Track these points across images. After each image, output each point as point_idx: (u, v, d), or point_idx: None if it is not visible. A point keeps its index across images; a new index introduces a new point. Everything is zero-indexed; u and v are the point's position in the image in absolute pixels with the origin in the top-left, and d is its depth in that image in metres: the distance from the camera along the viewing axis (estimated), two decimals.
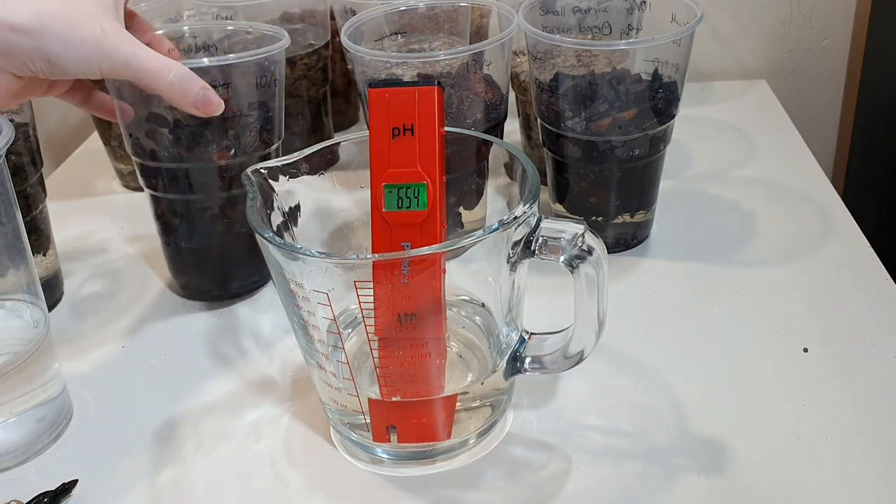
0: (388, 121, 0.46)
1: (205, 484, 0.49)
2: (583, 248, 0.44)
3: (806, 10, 0.94)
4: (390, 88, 0.46)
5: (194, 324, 0.63)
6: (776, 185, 0.75)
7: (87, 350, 0.61)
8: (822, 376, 0.53)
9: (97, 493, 0.49)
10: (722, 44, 0.97)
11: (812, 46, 0.96)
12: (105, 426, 0.54)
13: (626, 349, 0.57)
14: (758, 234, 0.69)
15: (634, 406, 0.52)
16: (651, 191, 0.67)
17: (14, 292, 0.52)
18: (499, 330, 0.49)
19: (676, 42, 0.60)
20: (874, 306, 0.59)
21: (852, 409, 0.51)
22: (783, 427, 0.50)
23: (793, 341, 0.56)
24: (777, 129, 0.86)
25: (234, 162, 0.58)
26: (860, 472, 0.47)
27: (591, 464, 0.48)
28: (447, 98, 0.61)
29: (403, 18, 0.69)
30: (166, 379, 0.57)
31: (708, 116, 0.88)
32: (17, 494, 0.49)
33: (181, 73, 0.50)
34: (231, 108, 0.57)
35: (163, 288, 0.67)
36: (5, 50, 0.47)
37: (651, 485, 0.47)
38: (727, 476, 0.47)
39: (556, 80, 0.61)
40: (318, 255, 0.41)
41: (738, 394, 0.53)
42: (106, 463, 0.51)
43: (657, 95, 0.61)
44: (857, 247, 0.66)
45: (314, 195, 0.51)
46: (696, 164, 0.79)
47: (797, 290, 0.62)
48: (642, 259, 0.67)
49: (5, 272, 0.51)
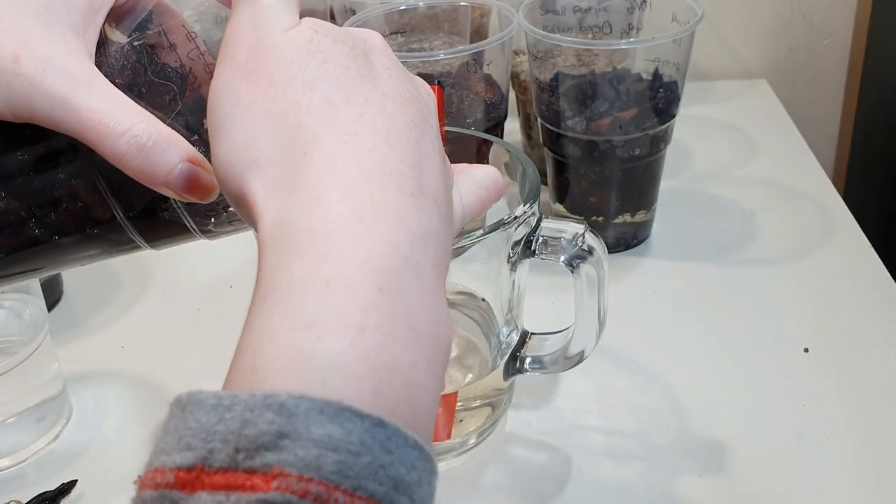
0: None
1: None
2: (583, 247, 0.44)
3: (807, 10, 0.94)
4: None
5: (194, 323, 0.63)
6: (777, 185, 0.75)
7: (87, 350, 0.61)
8: (823, 376, 0.53)
9: (97, 494, 0.49)
10: (722, 43, 0.97)
11: (813, 46, 0.96)
12: (105, 426, 0.54)
13: (627, 349, 0.57)
14: (758, 233, 0.68)
15: (635, 406, 0.52)
16: (651, 191, 0.67)
17: (14, 292, 0.52)
18: (499, 330, 0.49)
19: (677, 41, 0.60)
20: (875, 306, 0.59)
21: (852, 409, 0.51)
22: (783, 427, 0.50)
23: (793, 341, 0.56)
24: (778, 128, 0.86)
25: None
26: (860, 471, 0.47)
27: (591, 464, 0.48)
28: (448, 97, 0.61)
29: (403, 18, 0.69)
30: (165, 379, 0.57)
31: (708, 116, 0.88)
32: (17, 494, 0.48)
33: (143, 133, 0.32)
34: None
35: (163, 288, 0.67)
36: None
37: (651, 485, 0.46)
38: (727, 476, 0.47)
39: (556, 79, 0.61)
40: None
41: (739, 394, 0.52)
42: (105, 463, 0.51)
43: (658, 95, 0.61)
44: (858, 246, 0.66)
45: None
46: (697, 164, 0.79)
47: (798, 290, 0.62)
48: (643, 259, 0.67)
49: None
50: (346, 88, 0.29)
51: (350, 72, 0.30)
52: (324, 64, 0.29)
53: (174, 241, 0.39)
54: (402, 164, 0.28)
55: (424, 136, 0.30)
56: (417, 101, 0.31)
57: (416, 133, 0.29)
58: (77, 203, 0.36)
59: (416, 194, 0.28)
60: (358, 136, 0.28)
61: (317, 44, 0.30)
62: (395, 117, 0.29)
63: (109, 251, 0.39)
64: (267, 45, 0.30)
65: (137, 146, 0.32)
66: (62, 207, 0.36)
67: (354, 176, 0.27)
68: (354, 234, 0.26)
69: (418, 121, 0.30)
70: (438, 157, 0.31)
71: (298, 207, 0.26)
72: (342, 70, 0.29)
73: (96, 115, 0.32)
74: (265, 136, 0.28)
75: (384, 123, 0.29)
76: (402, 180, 0.27)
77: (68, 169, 0.35)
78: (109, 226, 0.37)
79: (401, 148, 0.28)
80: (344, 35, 0.31)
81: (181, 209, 0.37)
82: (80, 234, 0.37)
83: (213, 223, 0.38)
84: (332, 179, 0.27)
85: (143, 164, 0.32)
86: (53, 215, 0.36)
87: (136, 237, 0.38)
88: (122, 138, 0.32)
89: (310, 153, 0.27)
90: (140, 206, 0.36)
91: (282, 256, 0.26)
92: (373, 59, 0.31)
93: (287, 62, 0.29)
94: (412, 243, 0.26)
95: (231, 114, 0.29)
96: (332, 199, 0.26)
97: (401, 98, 0.30)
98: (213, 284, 0.67)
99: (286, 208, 0.27)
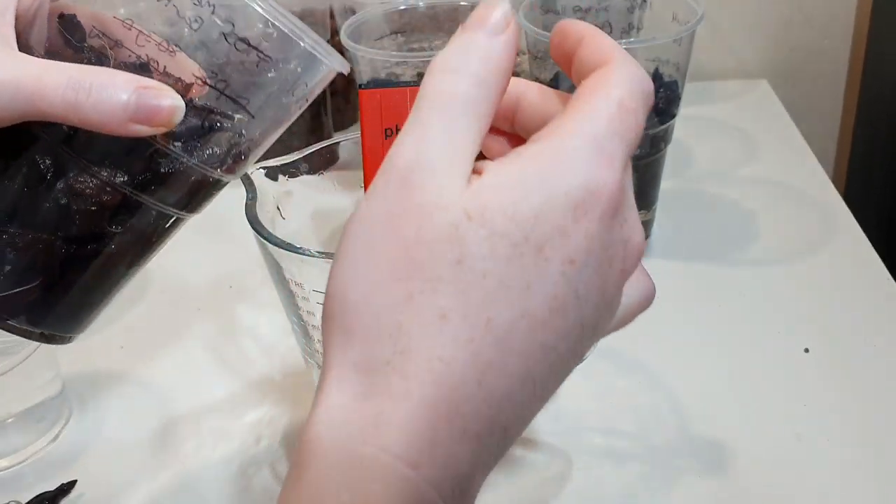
0: (381, 121, 0.46)
1: (204, 485, 0.49)
2: None
3: (807, 10, 0.94)
4: (381, 89, 0.46)
5: (194, 323, 0.63)
6: (777, 185, 0.75)
7: (86, 350, 0.61)
8: (823, 376, 0.53)
9: (96, 494, 0.49)
10: (723, 43, 0.97)
11: (813, 46, 0.96)
12: (105, 426, 0.54)
13: (627, 349, 0.56)
14: (759, 233, 0.68)
15: (635, 406, 0.52)
16: (652, 191, 0.66)
17: None
18: None
19: (677, 41, 0.59)
20: (875, 306, 0.59)
21: (853, 410, 0.51)
22: (784, 427, 0.50)
23: (793, 341, 0.56)
24: (778, 128, 0.86)
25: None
26: (861, 472, 0.47)
27: (591, 464, 0.48)
28: None
29: (403, 17, 0.69)
30: (166, 379, 0.57)
31: (709, 116, 0.88)
32: (17, 494, 0.48)
33: (83, 77, 0.32)
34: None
35: (163, 288, 0.67)
36: None
37: (652, 485, 0.46)
38: (728, 476, 0.47)
39: (556, 79, 0.61)
40: (317, 254, 0.41)
41: (739, 394, 0.52)
42: (105, 463, 0.51)
43: (658, 95, 0.61)
44: (859, 246, 0.66)
45: (313, 195, 0.51)
46: (697, 164, 0.79)
47: (798, 290, 0.62)
48: (643, 259, 0.66)
49: None
50: (472, 301, 0.25)
51: (488, 281, 0.25)
52: (457, 265, 0.25)
53: (202, 195, 0.38)
54: (484, 404, 0.25)
55: (553, 358, 0.26)
56: (585, 310, 0.26)
57: (534, 360, 0.25)
58: (81, 201, 0.35)
59: (481, 435, 0.25)
60: (451, 365, 0.24)
61: (462, 234, 0.25)
62: (514, 346, 0.25)
63: (157, 237, 0.38)
64: (411, 205, 0.25)
65: (83, 90, 0.32)
66: (72, 213, 0.35)
67: (423, 413, 0.24)
68: (401, 478, 0.24)
69: (560, 344, 0.26)
70: (559, 368, 0.26)
71: (361, 425, 0.24)
72: (477, 277, 0.25)
73: (35, 79, 0.32)
74: (371, 308, 0.25)
75: (492, 356, 0.25)
76: (475, 423, 0.25)
77: (38, 160, 0.35)
78: (128, 208, 0.36)
79: (495, 388, 0.25)
80: (511, 226, 0.25)
81: (175, 152, 0.36)
82: (112, 236, 0.36)
83: (216, 151, 0.37)
84: (399, 413, 0.24)
85: (96, 106, 0.32)
86: (72, 226, 0.35)
87: (161, 207, 0.37)
88: (66, 88, 0.32)
89: (394, 365, 0.25)
90: (134, 169, 0.35)
91: (327, 472, 0.24)
92: (547, 256, 0.25)
93: (420, 241, 0.25)
94: (454, 490, 0.25)
95: (357, 254, 0.26)
96: (391, 438, 0.24)
97: (550, 312, 0.25)
98: (213, 284, 0.67)
99: (347, 419, 0.25)
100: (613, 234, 0.27)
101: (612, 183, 0.26)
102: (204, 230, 0.73)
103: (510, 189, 0.25)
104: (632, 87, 0.28)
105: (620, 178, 0.27)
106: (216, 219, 0.71)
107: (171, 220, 0.38)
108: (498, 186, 0.25)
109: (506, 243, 0.25)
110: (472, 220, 0.25)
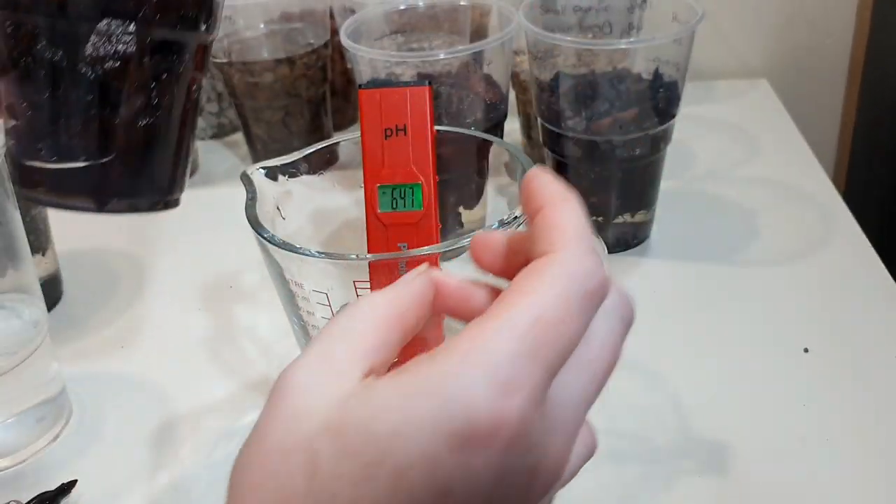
0: (380, 121, 0.46)
1: (204, 485, 0.49)
2: None
3: (808, 9, 0.94)
4: (381, 89, 0.46)
5: (193, 324, 0.63)
6: (777, 185, 0.75)
7: (86, 350, 0.61)
8: (824, 376, 0.53)
9: (96, 494, 0.49)
10: (723, 43, 0.97)
11: (814, 45, 0.96)
12: (104, 426, 0.54)
13: (627, 349, 0.56)
14: (759, 233, 0.68)
15: (635, 407, 0.52)
16: (652, 191, 0.66)
17: (13, 292, 0.52)
18: None
19: (677, 41, 0.59)
20: (875, 306, 0.59)
21: (853, 410, 0.51)
22: (783, 427, 0.50)
23: (793, 341, 0.56)
24: (778, 128, 0.86)
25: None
26: (861, 472, 0.47)
27: (591, 465, 0.48)
28: (447, 97, 0.61)
29: (403, 17, 0.69)
30: (165, 379, 0.57)
31: (709, 116, 0.88)
32: (17, 494, 0.48)
33: None
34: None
35: (163, 288, 0.67)
36: None
37: (652, 485, 0.46)
38: (728, 477, 0.47)
39: (556, 79, 0.61)
40: (317, 254, 0.41)
41: (739, 394, 0.52)
42: (105, 463, 0.51)
43: (658, 95, 0.61)
44: (859, 247, 0.66)
45: (313, 195, 0.51)
46: (697, 164, 0.79)
47: (798, 290, 0.62)
48: (643, 259, 0.67)
49: (4, 272, 0.51)
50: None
51: (338, 502, 0.23)
52: (311, 480, 0.23)
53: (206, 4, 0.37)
54: None
55: None
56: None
57: None
58: (105, 63, 0.35)
59: None
60: None
61: (316, 447, 0.23)
62: None
63: (190, 70, 0.38)
64: (278, 413, 0.25)
65: None
66: (107, 80, 0.35)
67: None
68: None
69: None
70: None
71: None
72: (328, 497, 0.23)
73: None
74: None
75: None
76: None
77: (47, 52, 0.34)
78: (151, 51, 0.36)
79: None
80: (365, 446, 0.23)
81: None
82: (153, 85, 0.36)
83: None
84: None
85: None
86: (114, 94, 0.35)
87: (178, 35, 0.36)
88: None
89: None
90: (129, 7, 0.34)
91: None
92: (411, 484, 0.22)
93: (277, 450, 0.24)
94: None
95: (241, 458, 0.25)
96: None
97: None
98: (213, 284, 0.67)
99: None
100: (512, 464, 0.24)
101: (505, 413, 0.23)
102: (204, 230, 0.73)
103: (373, 403, 0.23)
104: (566, 289, 0.25)
105: (521, 406, 0.23)
106: (216, 219, 0.72)
107: (193, 47, 0.37)
108: (366, 400, 0.23)
109: (356, 463, 0.22)
110: (327, 434, 0.23)
